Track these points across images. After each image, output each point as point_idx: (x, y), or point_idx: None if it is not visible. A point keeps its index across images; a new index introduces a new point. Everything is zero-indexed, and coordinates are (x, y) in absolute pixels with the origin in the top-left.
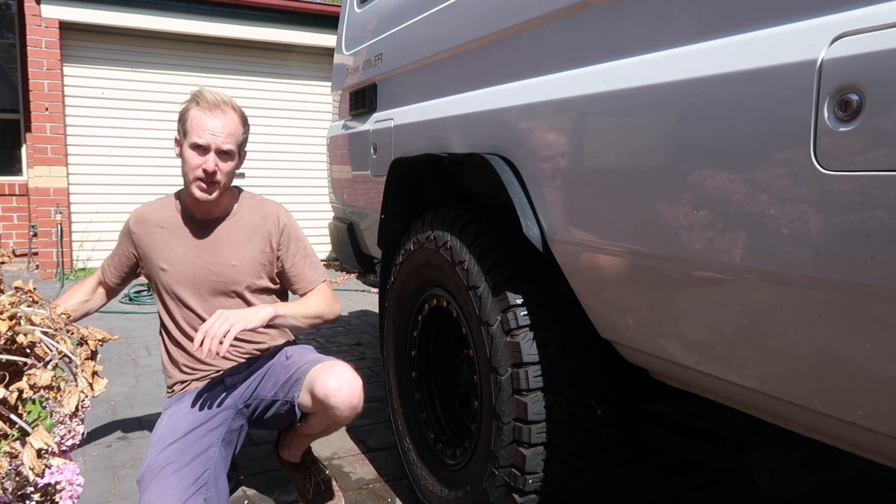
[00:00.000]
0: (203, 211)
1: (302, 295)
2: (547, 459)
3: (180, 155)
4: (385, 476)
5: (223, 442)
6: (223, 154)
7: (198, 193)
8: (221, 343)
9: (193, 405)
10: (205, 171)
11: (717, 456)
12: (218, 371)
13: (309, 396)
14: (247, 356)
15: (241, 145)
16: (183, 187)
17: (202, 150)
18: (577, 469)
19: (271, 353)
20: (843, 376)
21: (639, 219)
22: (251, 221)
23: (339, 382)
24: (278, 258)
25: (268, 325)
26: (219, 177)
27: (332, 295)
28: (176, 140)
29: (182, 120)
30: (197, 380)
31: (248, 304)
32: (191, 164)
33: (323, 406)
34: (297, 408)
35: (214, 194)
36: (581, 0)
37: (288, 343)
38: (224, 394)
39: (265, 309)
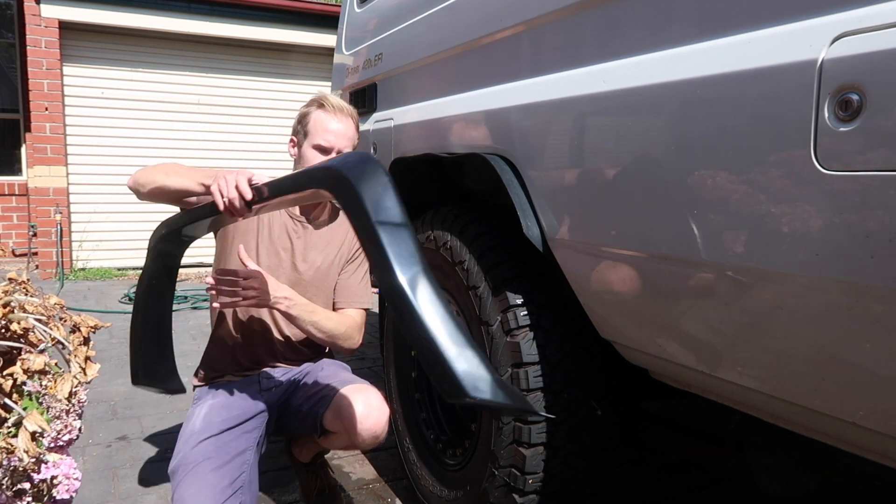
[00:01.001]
0: (307, 210)
1: (336, 310)
2: (547, 459)
3: (297, 155)
4: (385, 476)
5: (257, 446)
6: None
7: None
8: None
9: (229, 403)
10: None
11: (717, 456)
12: (253, 368)
13: (334, 417)
14: (286, 365)
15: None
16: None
17: (324, 151)
18: (577, 469)
19: (309, 363)
20: (843, 376)
21: (639, 218)
22: (342, 232)
23: (367, 410)
24: (343, 269)
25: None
26: None
27: (360, 327)
28: (293, 141)
29: (303, 122)
30: (233, 374)
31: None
32: (312, 165)
33: (346, 429)
34: (319, 424)
35: None
36: (581, 0)
37: (325, 356)
38: (259, 396)
39: (286, 289)
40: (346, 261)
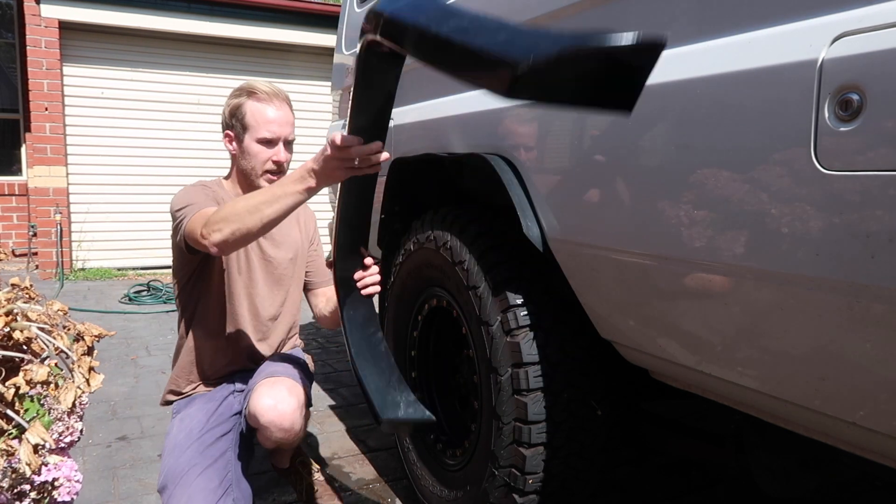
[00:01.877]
0: None
1: (313, 290)
2: (547, 459)
3: (238, 150)
4: (385, 476)
5: (238, 446)
6: (288, 144)
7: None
8: None
9: (207, 409)
10: (276, 162)
11: (717, 456)
12: (228, 375)
13: (249, 413)
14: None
15: None
16: (224, 178)
17: (270, 143)
18: (577, 469)
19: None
20: (843, 376)
21: (639, 219)
22: (293, 221)
23: (271, 402)
24: (308, 253)
25: None
26: (286, 166)
27: None
28: (229, 136)
29: (238, 115)
30: (207, 383)
31: (292, 298)
32: (260, 158)
33: (256, 424)
34: (246, 423)
35: None
36: (581, 0)
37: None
38: (233, 398)
39: None
40: (308, 245)
